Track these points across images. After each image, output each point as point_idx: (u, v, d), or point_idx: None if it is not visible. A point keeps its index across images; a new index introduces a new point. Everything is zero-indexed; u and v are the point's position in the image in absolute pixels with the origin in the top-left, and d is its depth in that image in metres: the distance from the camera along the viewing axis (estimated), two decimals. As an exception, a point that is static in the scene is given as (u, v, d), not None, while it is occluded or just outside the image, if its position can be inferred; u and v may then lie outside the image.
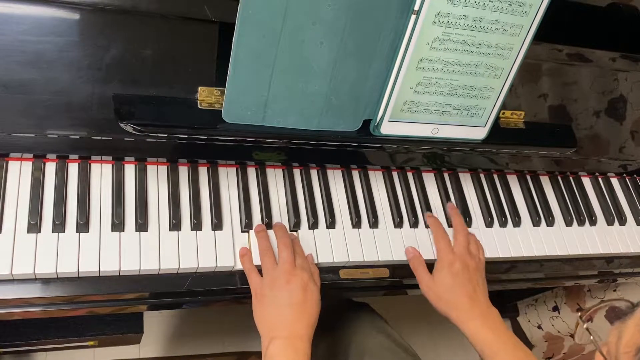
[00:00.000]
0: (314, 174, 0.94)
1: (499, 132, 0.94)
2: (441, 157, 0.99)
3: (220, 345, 1.54)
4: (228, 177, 0.89)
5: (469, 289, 0.86)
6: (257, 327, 0.80)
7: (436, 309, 0.89)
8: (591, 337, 0.62)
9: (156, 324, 1.53)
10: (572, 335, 1.61)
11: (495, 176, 1.06)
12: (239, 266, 0.83)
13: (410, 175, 1.00)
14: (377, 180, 0.97)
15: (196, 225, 0.83)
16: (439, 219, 0.97)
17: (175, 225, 0.82)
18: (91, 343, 1.27)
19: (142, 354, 1.49)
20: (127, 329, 1.24)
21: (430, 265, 0.91)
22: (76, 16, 0.72)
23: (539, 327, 1.70)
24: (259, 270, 0.82)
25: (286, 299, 0.79)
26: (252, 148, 0.87)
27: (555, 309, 1.63)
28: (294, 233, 0.89)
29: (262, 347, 0.79)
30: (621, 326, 0.58)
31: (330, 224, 0.90)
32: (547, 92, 1.01)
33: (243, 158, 0.89)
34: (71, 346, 1.31)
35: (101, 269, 0.76)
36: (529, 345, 1.74)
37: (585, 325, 0.61)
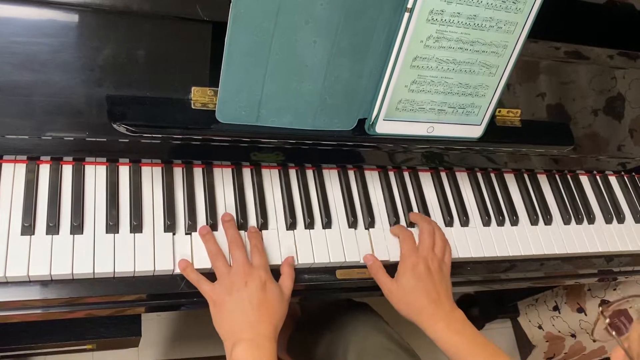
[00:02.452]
0: (309, 174, 0.94)
1: (495, 131, 0.94)
2: (437, 156, 0.98)
3: (219, 347, 1.53)
4: (223, 178, 0.89)
5: (432, 293, 0.85)
6: (219, 333, 0.78)
7: (399, 312, 0.88)
8: (613, 333, 0.61)
9: (155, 328, 1.53)
10: (573, 335, 1.61)
11: (492, 175, 1.06)
12: (235, 267, 0.83)
13: (406, 174, 1.00)
14: (373, 180, 0.97)
15: (191, 227, 0.83)
16: (436, 219, 0.97)
17: (170, 227, 0.82)
18: (89, 346, 1.27)
19: (140, 358, 1.48)
20: (125, 332, 1.24)
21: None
22: (68, 17, 0.72)
23: (540, 327, 1.70)
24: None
25: (246, 301, 0.77)
26: (246, 148, 0.86)
27: (556, 308, 1.63)
28: (248, 228, 0.86)
29: (225, 352, 0.77)
30: None
31: (327, 224, 0.90)
32: (543, 90, 1.01)
33: (238, 158, 0.89)
34: (69, 350, 1.31)
35: (96, 271, 0.76)
36: (530, 345, 1.74)
37: (607, 321, 0.60)
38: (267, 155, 0.89)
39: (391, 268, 0.90)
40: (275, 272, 0.83)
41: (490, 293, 1.73)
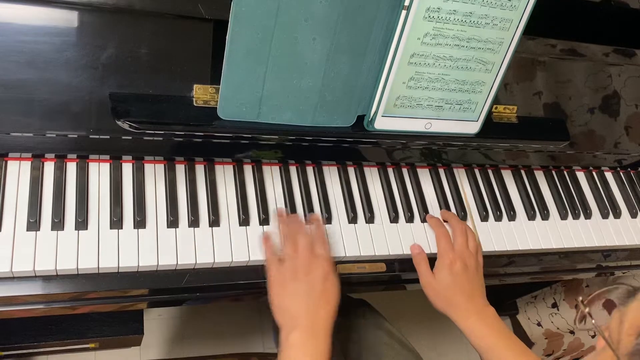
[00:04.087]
0: (310, 170, 0.95)
1: (491, 127, 0.95)
2: (435, 152, 1.00)
3: (221, 346, 1.55)
4: (225, 174, 0.90)
5: (467, 289, 0.88)
6: (276, 317, 0.80)
7: (433, 305, 0.90)
8: (593, 321, 0.62)
9: (157, 327, 1.54)
10: (571, 332, 1.62)
11: (489, 171, 1.07)
12: (237, 262, 0.84)
13: (405, 170, 1.01)
14: (372, 176, 0.98)
15: (193, 222, 0.84)
16: (435, 214, 0.99)
17: (172, 223, 0.83)
18: (92, 345, 1.28)
19: (143, 357, 1.49)
20: (128, 330, 1.25)
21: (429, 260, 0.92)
22: (72, 16, 0.74)
23: (539, 324, 1.71)
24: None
25: (307, 289, 0.79)
26: (248, 145, 0.88)
27: (554, 305, 1.64)
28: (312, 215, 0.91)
29: (281, 337, 0.78)
30: (623, 310, 0.58)
31: (327, 220, 0.91)
32: (539, 87, 1.02)
33: (239, 155, 0.90)
34: (72, 349, 1.31)
35: (100, 266, 0.77)
36: (529, 343, 1.75)
37: (587, 310, 0.61)
38: (268, 152, 0.90)
39: (395, 262, 0.92)
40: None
41: (489, 291, 1.74)
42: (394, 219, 0.95)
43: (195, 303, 0.88)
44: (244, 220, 0.87)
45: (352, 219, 0.93)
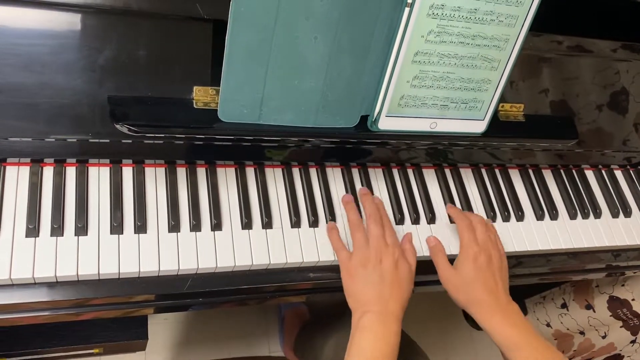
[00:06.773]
0: (313, 172, 0.94)
1: (498, 125, 0.93)
2: (441, 152, 0.98)
3: (227, 350, 1.54)
4: (227, 177, 0.89)
5: (491, 284, 0.84)
6: (348, 301, 0.82)
7: (454, 300, 0.87)
8: None
9: (161, 332, 1.53)
10: (582, 333, 1.60)
11: (496, 171, 1.05)
12: (239, 267, 0.83)
13: (410, 171, 0.99)
14: (377, 178, 0.97)
15: (195, 226, 0.83)
16: (441, 215, 0.97)
17: (174, 227, 0.82)
18: (96, 350, 1.27)
19: (148, 362, 1.49)
20: (132, 335, 1.24)
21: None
22: (69, 18, 0.73)
23: (548, 325, 1.69)
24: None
25: (378, 277, 0.80)
26: (249, 147, 0.86)
27: (564, 306, 1.62)
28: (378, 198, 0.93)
29: (353, 320, 0.80)
30: None
31: (331, 222, 0.90)
32: (546, 84, 1.00)
33: (241, 158, 0.89)
34: (77, 355, 1.31)
35: (100, 272, 0.76)
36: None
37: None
38: (270, 154, 0.89)
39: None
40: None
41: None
42: (400, 220, 0.94)
43: (198, 308, 0.86)
44: (247, 224, 0.85)
45: (357, 221, 0.91)
